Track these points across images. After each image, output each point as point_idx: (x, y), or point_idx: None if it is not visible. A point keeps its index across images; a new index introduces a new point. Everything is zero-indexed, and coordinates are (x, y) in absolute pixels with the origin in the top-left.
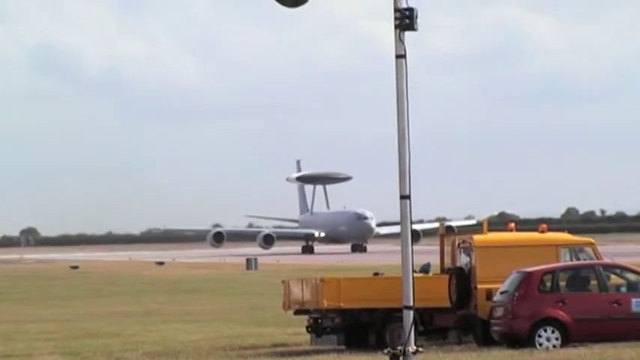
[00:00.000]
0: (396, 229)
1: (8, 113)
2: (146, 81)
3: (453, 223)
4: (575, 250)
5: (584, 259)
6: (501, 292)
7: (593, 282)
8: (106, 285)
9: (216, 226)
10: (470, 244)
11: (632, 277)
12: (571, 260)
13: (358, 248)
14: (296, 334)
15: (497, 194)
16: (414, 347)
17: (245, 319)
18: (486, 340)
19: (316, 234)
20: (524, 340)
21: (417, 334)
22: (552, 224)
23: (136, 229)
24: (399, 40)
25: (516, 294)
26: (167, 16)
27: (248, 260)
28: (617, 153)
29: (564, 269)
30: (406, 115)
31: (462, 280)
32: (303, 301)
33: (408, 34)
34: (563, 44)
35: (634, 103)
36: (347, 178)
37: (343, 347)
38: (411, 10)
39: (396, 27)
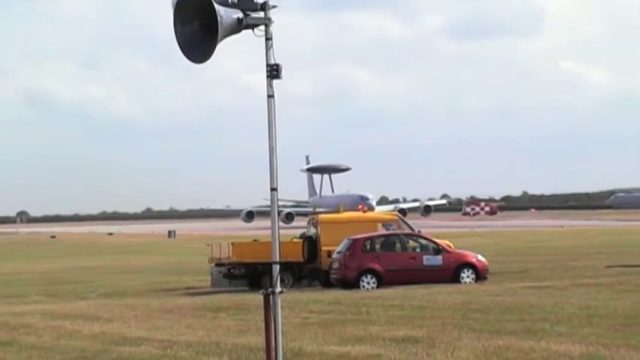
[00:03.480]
0: (390, 207)
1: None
2: (104, 113)
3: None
4: (386, 223)
5: (392, 230)
6: (337, 252)
7: (398, 245)
8: (74, 248)
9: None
10: (317, 220)
11: (423, 242)
12: (384, 230)
13: None
14: (202, 280)
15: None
16: (279, 289)
17: (167, 271)
18: (327, 284)
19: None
20: (352, 284)
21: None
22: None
23: (95, 211)
24: (270, 86)
25: (347, 253)
26: (117, 68)
27: (169, 232)
28: (415, 161)
29: (378, 237)
30: (274, 138)
31: (311, 244)
32: (220, 257)
33: (276, 81)
34: (379, 89)
35: (423, 128)
36: (347, 169)
37: (247, 289)
38: (277, 65)
39: (267, 76)
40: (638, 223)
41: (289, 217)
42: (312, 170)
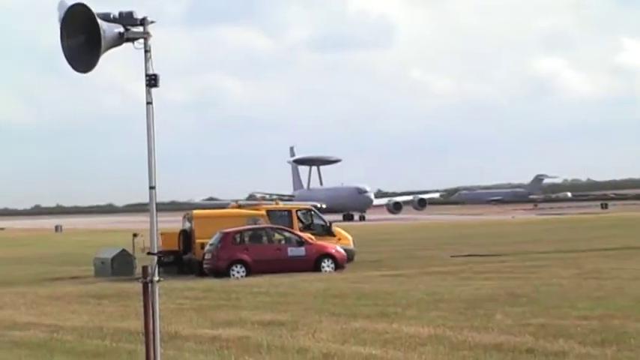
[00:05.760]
0: (384, 201)
1: None
2: None
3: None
4: (254, 218)
5: (259, 224)
6: (210, 244)
7: (265, 238)
8: None
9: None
10: (191, 216)
11: (287, 235)
12: (252, 224)
13: (352, 217)
14: (86, 270)
15: (207, 184)
16: (158, 277)
17: (55, 262)
18: (201, 273)
19: (318, 205)
20: (223, 273)
21: (161, 266)
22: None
23: None
24: (148, 93)
25: (219, 245)
26: (9, 76)
27: (56, 226)
28: (280, 163)
29: (247, 230)
30: (153, 141)
31: (186, 237)
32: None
33: (154, 89)
34: (248, 96)
35: (287, 133)
36: (338, 160)
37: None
38: (155, 75)
39: (146, 85)
40: (479, 217)
41: None
42: (299, 162)
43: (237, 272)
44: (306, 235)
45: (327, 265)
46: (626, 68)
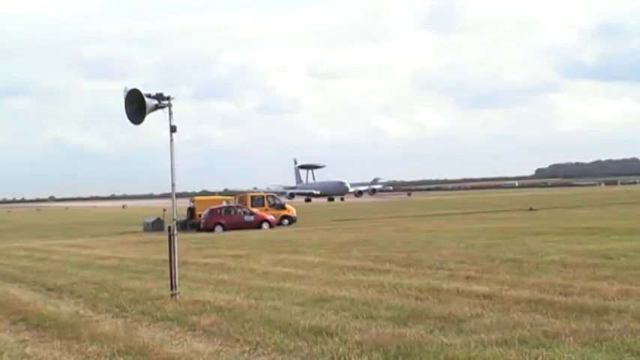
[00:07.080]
0: (352, 189)
1: None
2: (91, 145)
3: (376, 187)
4: (228, 201)
5: (229, 204)
6: (204, 214)
7: (232, 211)
8: (76, 214)
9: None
10: (194, 200)
11: (244, 209)
12: (226, 204)
13: (333, 199)
14: (138, 228)
15: (201, 183)
16: (177, 232)
17: (122, 224)
18: (199, 230)
19: (315, 192)
20: (210, 230)
21: (181, 227)
22: (221, 191)
23: (85, 195)
24: (171, 135)
25: (208, 215)
26: (102, 125)
27: (123, 205)
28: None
29: (222, 208)
30: (173, 160)
31: (191, 211)
32: (184, 215)
33: (175, 134)
34: (225, 138)
35: (246, 159)
36: (323, 166)
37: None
38: (175, 125)
39: (170, 131)
40: (347, 201)
41: (291, 196)
42: (301, 167)
43: (218, 229)
44: (255, 210)
45: (266, 226)
46: (421, 123)
